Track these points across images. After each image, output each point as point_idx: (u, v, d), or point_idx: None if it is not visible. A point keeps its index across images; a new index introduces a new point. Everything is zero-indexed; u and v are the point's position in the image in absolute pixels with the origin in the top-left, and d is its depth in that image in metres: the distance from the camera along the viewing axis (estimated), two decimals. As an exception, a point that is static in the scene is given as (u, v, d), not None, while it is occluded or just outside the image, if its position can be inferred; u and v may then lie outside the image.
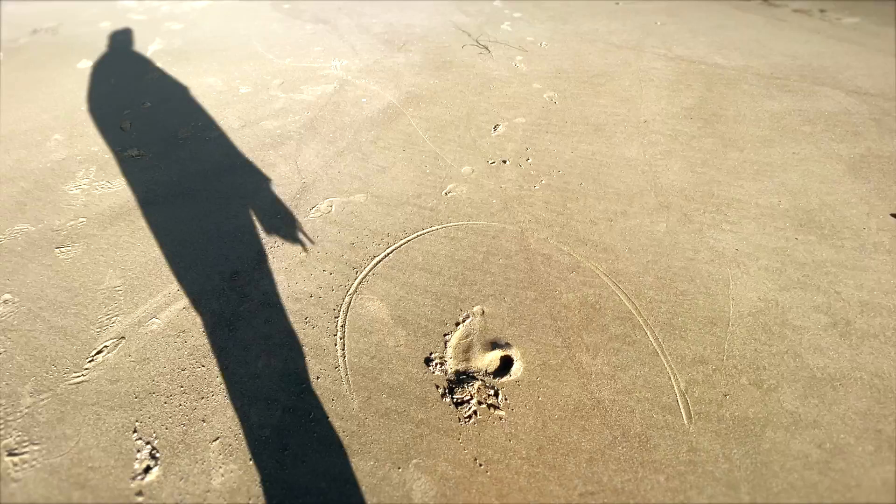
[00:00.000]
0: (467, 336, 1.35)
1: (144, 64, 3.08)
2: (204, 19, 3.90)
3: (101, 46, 3.34)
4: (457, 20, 3.75)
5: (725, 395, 1.19)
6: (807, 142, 2.14)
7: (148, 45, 3.34)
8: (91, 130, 2.37)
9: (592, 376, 1.25)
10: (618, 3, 4.02)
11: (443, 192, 1.91)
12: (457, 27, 3.60)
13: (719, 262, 1.56)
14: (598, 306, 1.42)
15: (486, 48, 3.20)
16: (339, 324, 1.39)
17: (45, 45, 3.42)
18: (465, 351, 1.31)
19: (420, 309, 1.43)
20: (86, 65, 3.08)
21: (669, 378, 1.23)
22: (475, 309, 1.43)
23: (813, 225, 1.69)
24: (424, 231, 1.72)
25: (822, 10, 3.65)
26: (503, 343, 1.33)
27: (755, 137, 2.19)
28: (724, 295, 1.45)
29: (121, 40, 3.45)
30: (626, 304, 1.43)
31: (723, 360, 1.27)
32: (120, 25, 3.75)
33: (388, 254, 1.63)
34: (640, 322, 1.37)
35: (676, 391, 1.20)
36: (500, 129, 2.31)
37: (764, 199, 1.82)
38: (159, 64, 3.07)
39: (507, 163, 2.07)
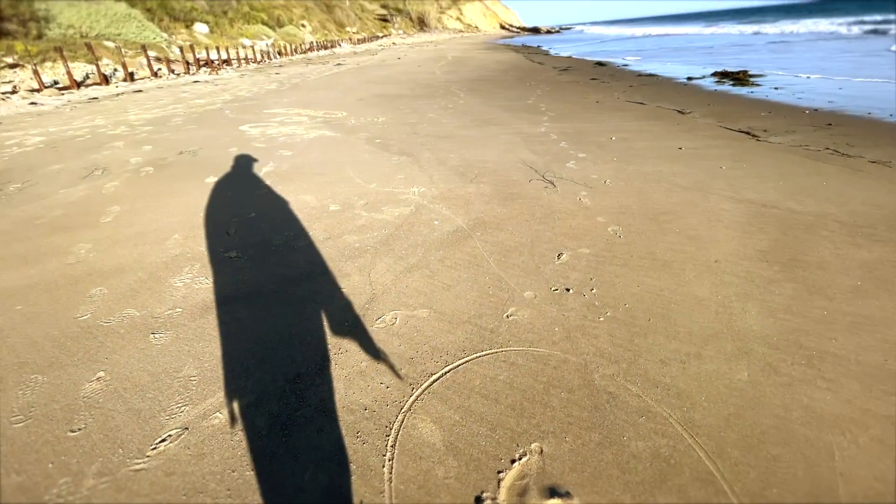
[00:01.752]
0: (523, 477, 1.24)
1: (257, 182, 3.66)
2: (310, 149, 4.66)
3: (226, 167, 4.06)
4: (525, 158, 4.15)
5: None
6: (908, 296, 1.96)
7: (262, 168, 4.01)
8: (203, 233, 2.77)
9: (670, 551, 1.06)
10: (681, 149, 4.26)
11: (504, 315, 1.93)
12: (525, 164, 3.97)
13: (818, 426, 1.36)
14: (672, 461, 1.27)
15: (552, 183, 3.46)
16: (390, 443, 1.35)
17: (186, 163, 4.22)
18: (520, 495, 1.20)
19: (474, 438, 1.36)
20: (211, 180, 3.72)
21: (769, 570, 1.02)
22: (533, 446, 1.33)
23: (934, 393, 1.46)
24: (484, 353, 1.71)
25: (901, 164, 3.61)
26: (563, 492, 1.20)
27: (845, 287, 2.05)
28: (828, 468, 1.24)
29: (242, 162, 4.17)
30: (707, 463, 1.26)
31: (839, 555, 1.04)
32: (244, 151, 4.57)
33: (446, 373, 1.62)
34: (726, 488, 1.19)
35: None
36: (564, 258, 2.38)
37: (866, 356, 1.64)
38: (268, 182, 3.63)
39: (571, 291, 2.08)
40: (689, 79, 9.45)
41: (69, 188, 3.59)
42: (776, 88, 7.60)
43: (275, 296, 2.12)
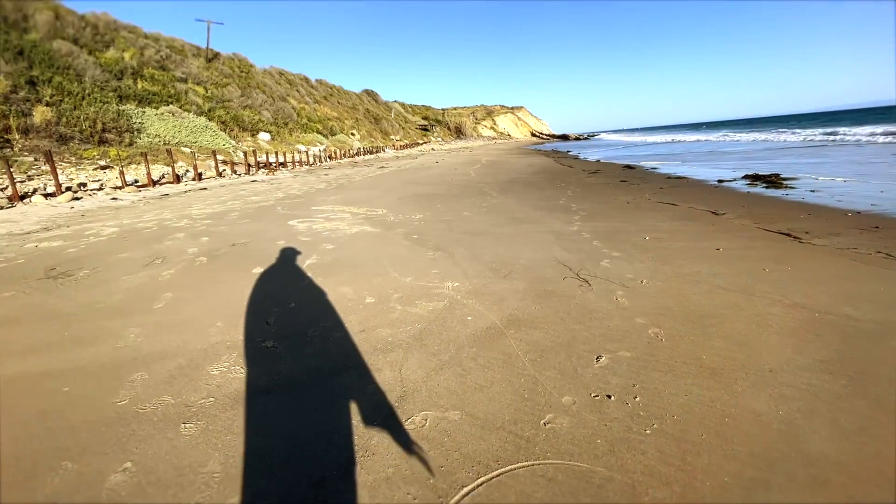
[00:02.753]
0: None
1: (300, 273, 3.84)
2: (351, 243, 4.92)
3: (273, 258, 4.31)
4: (558, 255, 4.20)
5: None
6: None
7: (306, 260, 4.24)
8: (244, 322, 2.87)
9: None
10: (718, 250, 4.21)
11: (541, 422, 1.82)
12: (558, 261, 4.01)
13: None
14: None
15: (587, 281, 3.45)
16: (415, 569, 1.21)
17: (236, 254, 4.53)
18: None
19: (509, 569, 1.21)
20: (258, 271, 3.94)
21: None
22: (578, 585, 1.16)
23: None
24: (520, 465, 1.58)
25: (965, 270, 3.39)
26: None
27: (927, 407, 1.82)
28: None
29: (288, 255, 4.44)
30: None
31: None
32: (291, 244, 4.88)
33: (479, 486, 1.49)
34: None
35: None
36: (604, 361, 2.27)
37: (970, 495, 1.40)
38: (310, 274, 3.81)
39: (613, 398, 1.96)
40: (720, 181, 9.64)
41: (131, 275, 3.89)
42: (812, 191, 7.60)
43: (306, 389, 2.10)
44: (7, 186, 9.04)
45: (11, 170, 8.93)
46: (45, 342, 2.62)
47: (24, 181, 10.08)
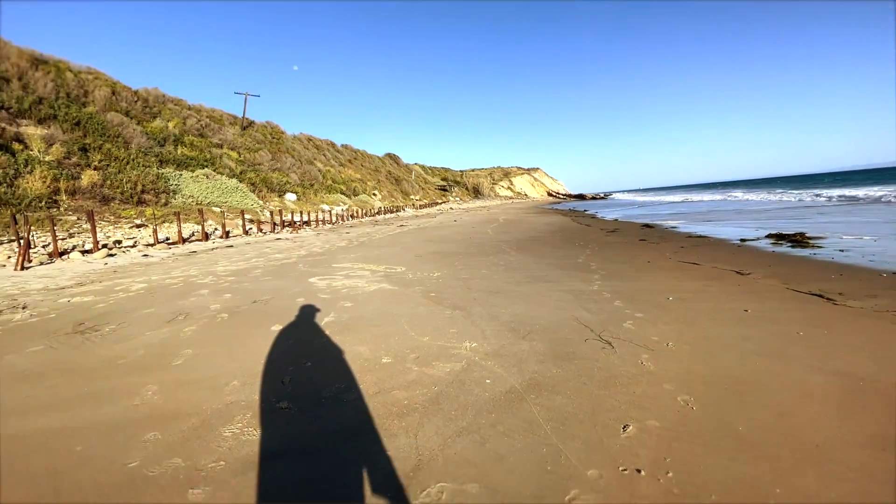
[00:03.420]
0: None
1: (317, 331, 3.85)
2: (369, 301, 4.94)
3: (292, 316, 4.35)
4: (579, 315, 4.11)
5: None
6: None
7: (324, 318, 4.25)
8: (260, 381, 2.84)
9: None
10: (747, 311, 4.06)
11: (566, 498, 1.69)
12: (579, 322, 3.92)
13: None
14: None
15: (610, 343, 3.34)
16: None
17: (257, 311, 4.59)
18: None
19: None
20: (276, 328, 3.96)
21: None
22: None
23: None
24: (544, 548, 1.45)
25: None
26: None
27: None
28: None
29: (307, 312, 4.47)
30: None
31: None
32: (310, 301, 4.93)
33: (499, 572, 1.37)
34: None
35: None
36: (631, 431, 2.14)
37: None
38: (328, 332, 3.80)
39: (643, 473, 1.82)
40: (743, 240, 9.50)
41: (154, 331, 3.95)
42: (841, 250, 7.39)
43: (318, 455, 2.02)
44: (49, 243, 9.58)
45: (55, 228, 9.49)
46: (65, 398, 2.64)
47: (66, 238, 10.67)
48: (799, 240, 8.81)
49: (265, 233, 16.20)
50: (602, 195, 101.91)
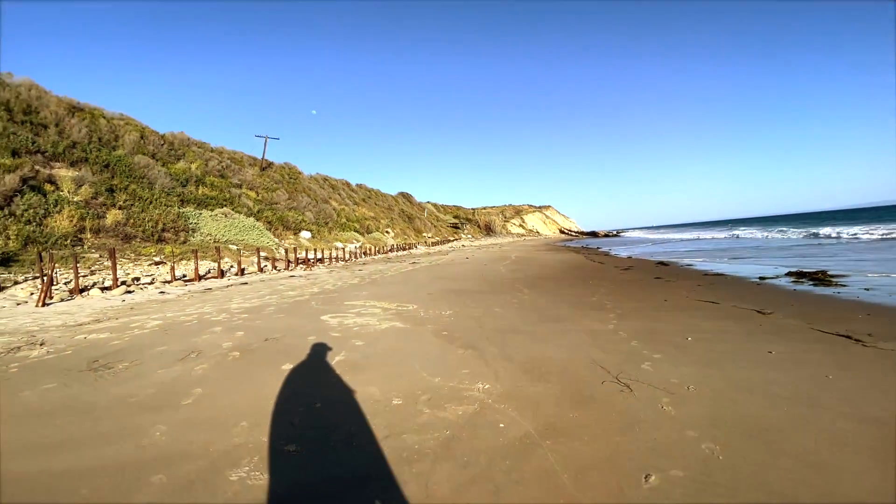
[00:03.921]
0: None
1: (328, 370, 3.80)
2: (381, 339, 4.90)
3: (303, 354, 4.32)
4: (595, 356, 4.00)
5: None
6: None
7: (335, 357, 4.21)
8: (269, 421, 2.79)
9: None
10: (771, 353, 3.91)
11: (586, 556, 1.58)
12: (595, 363, 3.81)
13: None
14: None
15: (628, 386, 3.22)
16: None
17: (268, 350, 4.58)
18: None
19: None
20: (287, 367, 3.93)
21: None
22: None
23: None
24: None
25: None
26: None
27: None
28: None
29: (318, 350, 4.44)
30: None
31: None
32: (322, 339, 4.90)
33: None
34: None
35: None
36: (653, 481, 2.02)
37: None
38: (338, 371, 3.75)
39: (668, 529, 1.70)
40: (762, 278, 9.29)
41: (166, 369, 3.95)
42: (867, 289, 7.16)
43: (326, 501, 1.95)
44: (71, 280, 9.82)
45: (78, 265, 9.76)
46: (74, 438, 2.62)
47: (87, 275, 10.94)
48: (821, 278, 8.59)
49: (279, 270, 16.40)
50: (615, 232, 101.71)
